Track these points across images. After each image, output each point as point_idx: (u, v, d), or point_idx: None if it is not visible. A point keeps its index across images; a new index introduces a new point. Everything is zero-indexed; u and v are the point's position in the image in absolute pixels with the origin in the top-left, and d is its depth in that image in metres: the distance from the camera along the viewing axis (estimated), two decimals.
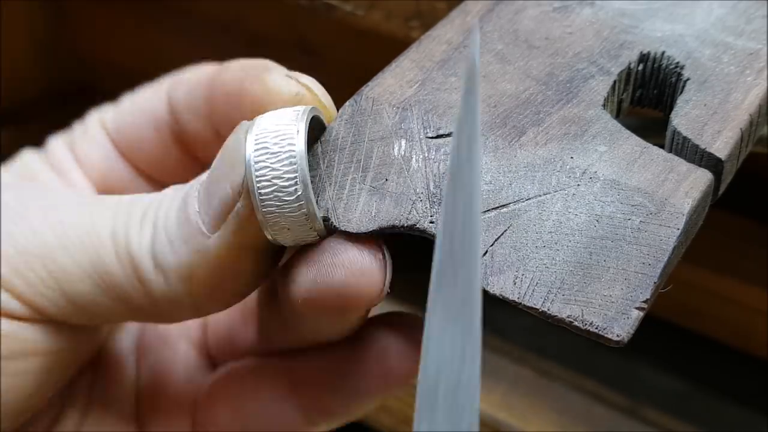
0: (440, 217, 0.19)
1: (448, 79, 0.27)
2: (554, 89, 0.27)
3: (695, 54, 0.28)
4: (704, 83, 0.27)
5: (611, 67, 0.28)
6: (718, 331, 0.51)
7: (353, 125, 0.26)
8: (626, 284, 0.23)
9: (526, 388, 0.52)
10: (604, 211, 0.24)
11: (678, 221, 0.23)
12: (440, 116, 0.26)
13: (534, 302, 0.23)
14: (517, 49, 0.28)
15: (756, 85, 0.27)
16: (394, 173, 0.25)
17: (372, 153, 0.25)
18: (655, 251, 0.23)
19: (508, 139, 0.25)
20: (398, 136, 0.25)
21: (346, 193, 0.25)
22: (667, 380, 0.53)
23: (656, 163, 0.25)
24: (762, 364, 0.50)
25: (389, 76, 0.27)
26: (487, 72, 0.27)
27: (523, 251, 0.23)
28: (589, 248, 0.23)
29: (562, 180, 0.24)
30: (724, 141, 0.25)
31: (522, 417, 0.49)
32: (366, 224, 0.25)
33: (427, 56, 0.28)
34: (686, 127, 0.26)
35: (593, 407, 0.51)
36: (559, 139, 0.25)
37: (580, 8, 0.30)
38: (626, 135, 0.25)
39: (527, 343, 0.54)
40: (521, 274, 0.23)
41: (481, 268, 0.19)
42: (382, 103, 0.26)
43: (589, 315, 0.22)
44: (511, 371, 0.53)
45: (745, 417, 0.51)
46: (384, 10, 0.44)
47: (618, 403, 0.51)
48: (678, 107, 0.27)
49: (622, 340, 0.22)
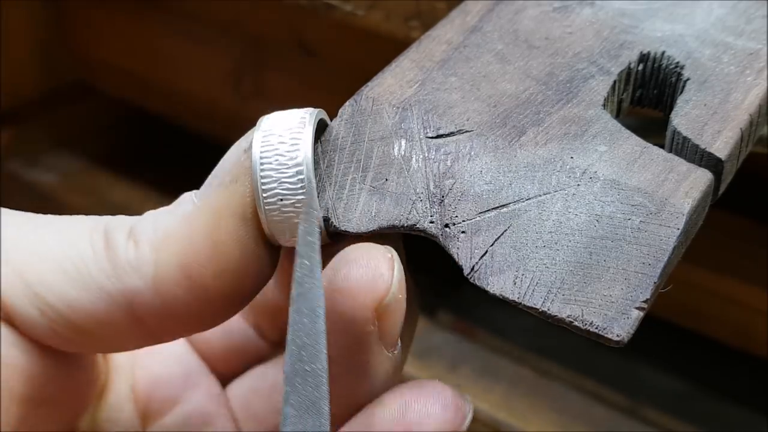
0: (288, 326, 0.22)
1: (448, 79, 0.27)
2: (554, 89, 0.27)
3: (695, 54, 0.28)
4: (704, 83, 0.27)
5: (611, 67, 0.28)
6: (718, 331, 0.51)
7: (353, 125, 0.26)
8: (626, 284, 0.23)
9: (526, 388, 0.52)
10: (604, 211, 0.24)
11: (678, 221, 0.23)
12: (440, 116, 0.26)
13: (534, 302, 0.23)
14: (517, 49, 0.28)
15: (756, 85, 0.27)
16: (394, 173, 0.25)
17: (372, 153, 0.25)
18: (655, 251, 0.23)
19: (508, 139, 0.25)
20: (398, 136, 0.25)
21: (346, 193, 0.25)
22: (667, 380, 0.53)
23: (656, 163, 0.25)
24: (762, 364, 0.50)
25: (389, 76, 0.27)
26: (487, 72, 0.27)
27: (523, 251, 0.23)
28: (589, 248, 0.23)
29: (562, 180, 0.24)
30: (724, 141, 0.25)
31: (522, 417, 0.50)
32: (366, 224, 0.25)
33: (427, 56, 0.28)
34: (686, 127, 0.26)
35: (593, 407, 0.51)
36: (559, 139, 0.25)
37: (580, 8, 0.30)
38: (626, 135, 0.25)
39: (527, 343, 0.54)
40: (521, 274, 0.23)
41: (326, 371, 0.22)
42: (382, 103, 0.26)
43: (589, 315, 0.22)
44: (511, 371, 0.53)
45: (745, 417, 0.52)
46: (384, 10, 0.44)
47: (618, 403, 0.51)
48: (678, 107, 0.27)
49: (622, 340, 0.22)
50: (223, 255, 0.24)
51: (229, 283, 0.25)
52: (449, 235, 0.24)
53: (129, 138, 0.77)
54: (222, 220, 0.24)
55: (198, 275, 0.24)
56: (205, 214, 0.24)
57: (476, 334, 0.55)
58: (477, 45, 0.28)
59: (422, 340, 0.53)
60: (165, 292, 0.25)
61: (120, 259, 0.25)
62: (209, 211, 0.24)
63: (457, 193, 0.24)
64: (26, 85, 0.72)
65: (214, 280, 0.25)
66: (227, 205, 0.24)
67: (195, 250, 0.24)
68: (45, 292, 0.25)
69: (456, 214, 0.24)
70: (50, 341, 0.26)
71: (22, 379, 0.25)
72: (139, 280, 0.24)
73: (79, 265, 0.25)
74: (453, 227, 0.24)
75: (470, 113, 0.26)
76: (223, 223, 0.24)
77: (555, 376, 0.53)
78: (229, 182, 0.25)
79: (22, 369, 0.25)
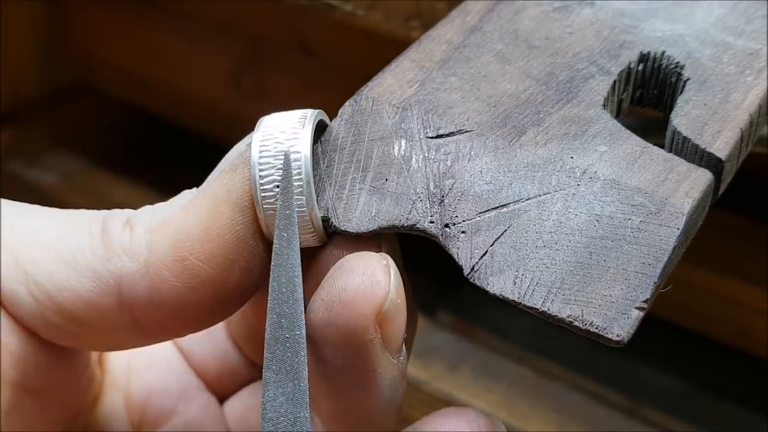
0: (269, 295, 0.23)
1: (448, 79, 0.27)
2: (554, 89, 0.27)
3: (695, 54, 0.28)
4: (704, 83, 0.27)
5: (611, 67, 0.28)
6: (718, 331, 0.51)
7: (353, 125, 0.26)
8: (626, 284, 0.23)
9: (526, 388, 0.52)
10: (604, 211, 0.24)
11: (678, 221, 0.23)
12: (440, 116, 0.26)
13: (534, 302, 0.23)
14: (517, 49, 0.28)
15: (756, 85, 0.27)
16: (394, 173, 0.25)
17: (372, 153, 0.25)
18: (655, 251, 0.23)
19: (508, 138, 0.25)
20: (398, 135, 0.25)
21: (346, 193, 0.25)
22: (667, 380, 0.53)
23: (656, 163, 0.25)
24: (762, 364, 0.50)
25: (389, 76, 0.27)
26: (487, 72, 0.27)
27: (523, 251, 0.23)
28: (589, 248, 0.23)
29: (562, 180, 0.24)
30: (724, 141, 0.25)
31: (522, 417, 0.50)
32: (366, 224, 0.25)
33: (427, 56, 0.28)
34: (686, 127, 0.26)
35: (593, 407, 0.51)
36: (559, 138, 0.25)
37: (580, 8, 0.30)
38: (626, 135, 0.25)
39: (527, 343, 0.54)
40: (521, 274, 0.23)
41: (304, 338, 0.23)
42: (382, 103, 0.26)
43: (589, 315, 0.22)
44: (511, 371, 0.53)
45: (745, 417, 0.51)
46: (384, 10, 0.44)
47: (618, 403, 0.51)
48: (678, 107, 0.27)
49: (622, 340, 0.22)
50: (216, 241, 0.24)
51: (220, 272, 0.25)
52: (449, 235, 0.24)
53: (129, 138, 0.77)
54: (218, 207, 0.24)
55: (190, 260, 0.24)
56: (202, 200, 0.25)
57: (476, 334, 0.55)
58: (477, 45, 0.28)
59: (422, 340, 0.53)
60: (155, 276, 0.24)
61: (114, 243, 0.25)
62: (206, 198, 0.25)
63: (457, 193, 0.24)
64: (26, 85, 0.72)
65: (205, 266, 0.24)
66: (225, 193, 0.25)
67: (189, 234, 0.24)
68: (37, 273, 0.25)
69: (456, 214, 0.24)
70: (41, 328, 0.26)
71: (14, 364, 0.26)
72: (131, 262, 0.24)
73: (74, 251, 0.25)
74: (453, 227, 0.24)
75: (470, 113, 0.26)
76: (219, 209, 0.24)
77: (555, 376, 0.53)
78: (228, 170, 0.25)
79: (15, 354, 0.26)
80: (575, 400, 0.51)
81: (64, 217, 0.26)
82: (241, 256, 0.25)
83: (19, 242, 0.25)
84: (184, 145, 0.73)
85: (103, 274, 0.25)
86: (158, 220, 0.25)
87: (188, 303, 0.25)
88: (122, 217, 0.26)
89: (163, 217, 0.25)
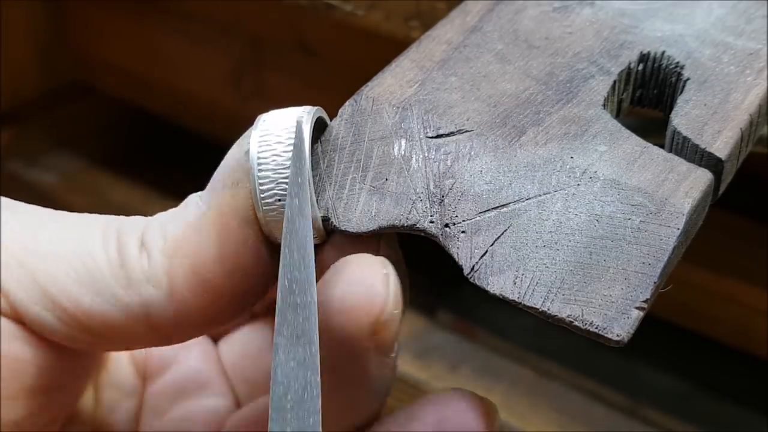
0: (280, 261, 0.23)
1: (448, 79, 0.27)
2: (554, 89, 0.27)
3: (695, 54, 0.28)
4: (704, 83, 0.27)
5: (611, 67, 0.28)
6: (718, 331, 0.51)
7: (353, 125, 0.26)
8: (626, 284, 0.23)
9: (526, 388, 0.52)
10: (604, 211, 0.24)
11: (678, 221, 0.23)
12: (440, 116, 0.26)
13: (534, 302, 0.23)
14: (517, 49, 0.28)
15: (756, 85, 0.27)
16: (394, 173, 0.25)
17: (372, 153, 0.25)
18: (655, 251, 0.23)
19: (508, 138, 0.25)
20: (398, 135, 0.25)
21: (346, 192, 0.25)
22: (667, 380, 0.53)
23: (656, 163, 0.25)
24: (762, 364, 0.50)
25: (389, 76, 0.27)
26: (487, 72, 0.27)
27: (523, 251, 0.23)
28: (589, 248, 0.23)
29: (562, 180, 0.24)
30: (724, 141, 0.25)
31: (522, 417, 0.50)
32: (366, 224, 0.25)
33: (427, 56, 0.28)
34: (686, 127, 0.26)
35: (593, 407, 0.51)
36: (559, 138, 0.25)
37: (580, 8, 0.30)
38: (626, 135, 0.25)
39: (527, 343, 0.54)
40: (521, 274, 0.23)
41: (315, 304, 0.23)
42: (382, 102, 0.26)
43: (589, 315, 0.22)
44: (511, 371, 0.53)
45: (745, 417, 0.51)
46: (384, 10, 0.44)
47: (618, 403, 0.51)
48: (678, 107, 0.27)
49: (622, 340, 0.22)
50: (232, 257, 0.25)
51: (239, 283, 0.25)
52: (449, 235, 0.24)
53: (129, 138, 0.77)
54: (229, 224, 0.25)
55: (210, 279, 0.25)
56: (212, 219, 0.25)
57: (476, 334, 0.55)
58: (477, 45, 0.28)
59: (422, 340, 0.53)
60: (180, 299, 0.25)
61: (134, 269, 0.25)
62: (215, 216, 0.25)
63: (457, 193, 0.24)
64: (26, 85, 0.72)
65: (224, 281, 0.25)
66: (232, 209, 0.25)
67: (206, 256, 0.25)
68: (59, 295, 0.25)
69: (456, 213, 0.24)
70: (64, 342, 0.26)
71: (30, 373, 0.26)
72: (155, 290, 0.25)
73: (92, 270, 0.25)
74: (453, 227, 0.24)
75: (470, 113, 0.26)
76: (229, 226, 0.25)
77: (555, 376, 0.53)
78: (231, 185, 0.25)
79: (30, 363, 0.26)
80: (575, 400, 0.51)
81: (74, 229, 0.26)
82: (256, 264, 0.25)
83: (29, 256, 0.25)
84: (184, 145, 0.73)
85: (128, 302, 0.25)
86: (172, 243, 0.25)
87: (211, 314, 0.26)
88: (136, 235, 0.26)
89: (175, 238, 0.25)
